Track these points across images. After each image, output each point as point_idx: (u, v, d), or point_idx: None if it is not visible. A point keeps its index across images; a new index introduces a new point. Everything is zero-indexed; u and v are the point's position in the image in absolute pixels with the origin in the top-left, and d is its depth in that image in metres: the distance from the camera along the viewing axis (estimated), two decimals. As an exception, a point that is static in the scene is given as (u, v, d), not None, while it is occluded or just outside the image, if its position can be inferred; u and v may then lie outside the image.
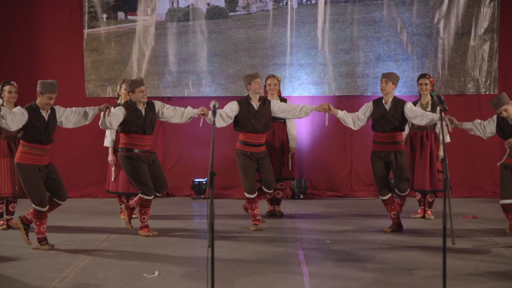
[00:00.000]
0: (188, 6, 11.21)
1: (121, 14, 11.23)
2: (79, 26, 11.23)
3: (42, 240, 7.09)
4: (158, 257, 6.69)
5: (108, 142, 8.79)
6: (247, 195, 8.09)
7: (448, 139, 8.80)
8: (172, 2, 11.22)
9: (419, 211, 9.02)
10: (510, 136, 7.07)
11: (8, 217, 8.29)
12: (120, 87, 8.70)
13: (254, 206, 8.13)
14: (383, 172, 7.98)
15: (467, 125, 7.44)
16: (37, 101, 6.96)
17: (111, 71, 11.21)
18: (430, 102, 8.64)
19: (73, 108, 7.21)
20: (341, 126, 10.99)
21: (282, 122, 9.04)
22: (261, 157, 8.07)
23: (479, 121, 7.42)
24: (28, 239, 7.16)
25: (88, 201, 10.79)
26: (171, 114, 7.83)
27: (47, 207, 7.00)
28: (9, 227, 8.23)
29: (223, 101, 8.29)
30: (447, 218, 4.93)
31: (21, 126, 6.85)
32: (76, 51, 11.25)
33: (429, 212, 8.92)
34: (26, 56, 11.13)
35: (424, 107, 8.59)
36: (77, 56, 11.25)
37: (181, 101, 10.67)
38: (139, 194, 7.68)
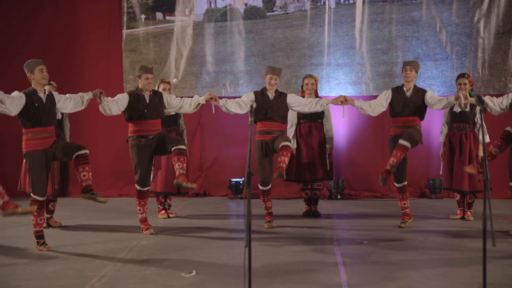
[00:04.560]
0: (225, 7, 11.24)
1: (159, 15, 11.31)
2: (118, 27, 11.35)
3: (40, 236, 7.07)
4: (195, 256, 6.71)
5: (146, 141, 8.85)
6: (259, 186, 8.27)
7: (487, 139, 8.69)
8: (210, 3, 11.27)
9: (458, 212, 8.92)
10: None
11: (48, 215, 8.40)
12: (158, 87, 8.75)
13: (266, 198, 8.31)
14: (400, 164, 8.07)
15: None
16: (33, 84, 6.97)
17: (149, 71, 11.28)
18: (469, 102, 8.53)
19: (68, 94, 7.27)
20: (379, 126, 10.97)
21: (320, 122, 9.00)
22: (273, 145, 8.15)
23: (489, 97, 7.73)
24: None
25: (126, 200, 10.88)
26: (178, 104, 7.90)
27: (45, 197, 7.00)
28: (49, 225, 8.34)
29: (260, 101, 8.28)
30: (487, 220, 4.86)
31: (20, 110, 6.80)
32: (115, 51, 11.37)
33: (468, 213, 8.81)
34: (65, 57, 11.27)
35: (462, 108, 8.51)
36: (116, 56, 11.37)
37: (218, 101, 10.70)
38: (135, 184, 7.85)
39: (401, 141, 7.87)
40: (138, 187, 7.86)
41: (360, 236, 7.74)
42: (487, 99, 7.65)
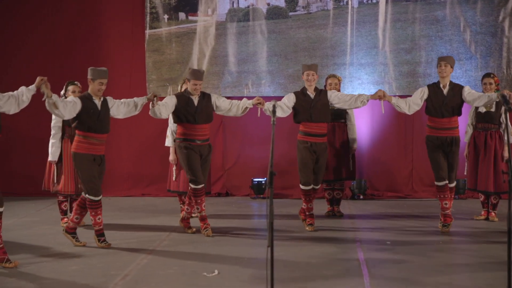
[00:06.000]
0: (248, 6, 11.24)
1: (182, 15, 11.34)
2: (141, 27, 11.38)
3: (100, 234, 7.18)
4: (217, 256, 6.72)
5: (169, 142, 8.88)
6: (302, 186, 8.13)
7: (513, 139, 8.60)
8: (233, 3, 11.27)
9: (483, 212, 8.84)
10: None
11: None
12: (181, 87, 8.76)
13: (308, 198, 8.15)
14: (440, 158, 7.95)
15: None
16: (89, 89, 7.12)
17: (172, 71, 11.33)
18: (494, 102, 8.46)
19: (123, 99, 7.32)
20: (402, 126, 10.92)
21: (343, 122, 8.97)
22: (319, 150, 8.04)
23: None
24: (79, 242, 7.29)
25: (149, 200, 10.92)
26: (227, 106, 7.83)
27: (101, 196, 7.10)
28: (72, 224, 8.38)
29: (282, 101, 8.27)
30: (512, 221, 4.82)
31: (74, 115, 6.94)
32: (138, 51, 11.40)
33: (493, 214, 8.74)
34: (89, 57, 11.32)
35: (488, 108, 8.44)
36: (139, 56, 11.40)
37: (240, 101, 10.71)
38: (190, 184, 7.77)
39: (450, 185, 7.99)
40: (192, 186, 7.74)
41: (383, 237, 7.70)
42: None
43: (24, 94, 6.51)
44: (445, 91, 7.88)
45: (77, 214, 7.27)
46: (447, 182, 7.96)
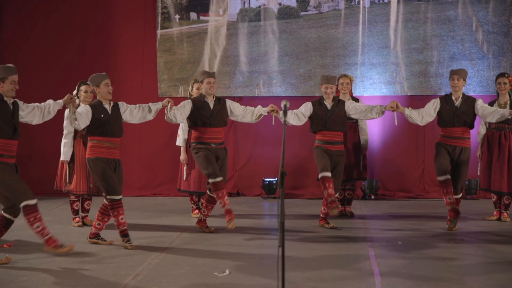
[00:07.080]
0: (259, 6, 11.25)
1: (193, 15, 11.36)
2: (152, 27, 11.41)
3: (125, 234, 7.11)
4: (228, 255, 6.73)
5: (180, 141, 8.89)
6: (320, 174, 7.96)
7: (527, 139, 8.57)
8: (244, 3, 11.28)
9: (495, 213, 8.81)
10: None
11: (84, 214, 8.48)
12: (192, 87, 8.78)
13: (328, 185, 7.94)
14: (446, 158, 7.93)
15: None
16: (98, 97, 7.11)
17: (183, 71, 11.35)
18: (508, 102, 8.44)
19: (137, 104, 7.33)
20: (413, 126, 10.88)
21: (354, 122, 8.96)
22: (335, 156, 8.01)
23: None
24: (106, 241, 7.29)
25: (160, 199, 10.94)
26: (241, 113, 7.84)
27: (121, 195, 7.05)
28: (84, 224, 8.41)
29: (293, 101, 8.29)
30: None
31: (88, 123, 6.98)
32: (149, 51, 11.43)
33: (505, 214, 8.70)
34: (101, 57, 11.36)
35: (502, 107, 8.40)
36: (150, 56, 11.43)
37: (251, 101, 10.72)
38: (208, 179, 7.65)
39: (456, 197, 7.97)
40: (211, 180, 7.58)
41: (394, 237, 7.69)
42: None
43: (51, 107, 6.67)
44: (457, 103, 7.91)
45: (99, 220, 7.24)
46: (449, 176, 7.92)
